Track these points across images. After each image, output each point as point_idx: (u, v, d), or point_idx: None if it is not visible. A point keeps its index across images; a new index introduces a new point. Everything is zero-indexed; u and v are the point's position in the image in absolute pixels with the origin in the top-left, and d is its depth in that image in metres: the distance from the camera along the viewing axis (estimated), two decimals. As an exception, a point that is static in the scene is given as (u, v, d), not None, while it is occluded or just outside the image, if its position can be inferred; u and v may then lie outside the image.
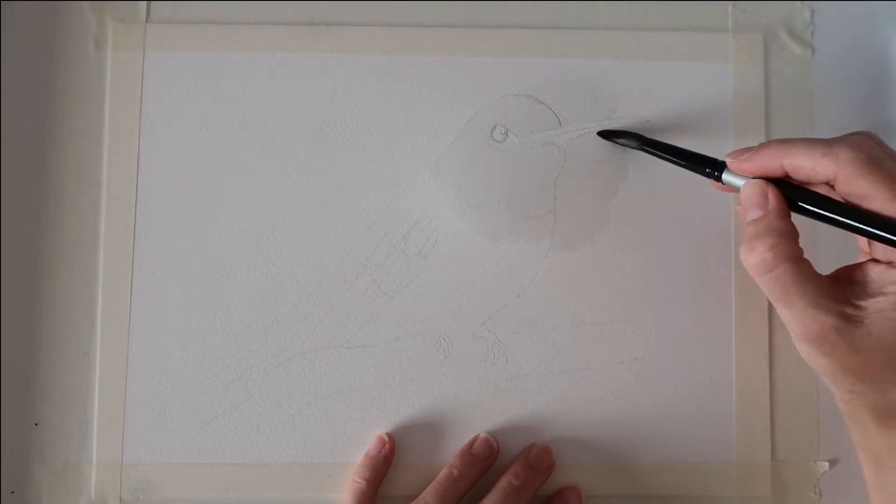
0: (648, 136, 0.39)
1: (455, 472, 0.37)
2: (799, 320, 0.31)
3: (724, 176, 0.34)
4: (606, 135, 0.40)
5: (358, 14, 0.41)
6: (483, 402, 0.39)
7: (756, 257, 0.31)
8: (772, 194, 0.32)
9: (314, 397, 0.39)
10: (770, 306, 0.39)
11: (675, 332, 0.39)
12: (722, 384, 0.39)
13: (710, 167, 0.35)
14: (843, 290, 0.31)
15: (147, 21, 0.41)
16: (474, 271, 0.39)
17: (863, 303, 0.30)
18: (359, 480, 0.37)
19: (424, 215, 0.40)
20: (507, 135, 0.40)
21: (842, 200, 0.31)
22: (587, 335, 0.39)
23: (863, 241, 0.34)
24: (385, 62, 0.41)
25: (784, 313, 0.32)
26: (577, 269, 0.40)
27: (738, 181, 0.34)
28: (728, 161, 0.34)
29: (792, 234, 0.31)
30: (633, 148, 0.39)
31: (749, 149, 0.33)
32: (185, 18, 0.41)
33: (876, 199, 0.29)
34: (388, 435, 0.38)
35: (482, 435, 0.38)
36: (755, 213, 0.32)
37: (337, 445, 0.39)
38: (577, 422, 0.39)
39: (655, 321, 0.39)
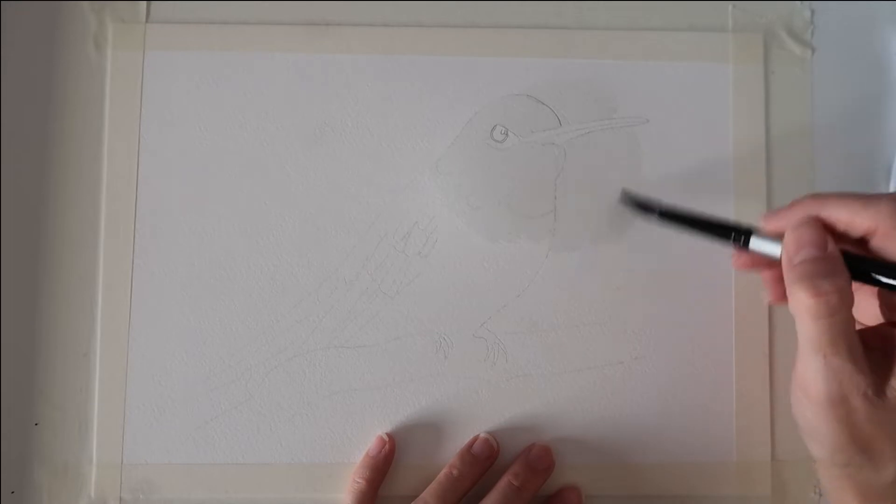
0: (666, 199, 0.36)
1: (455, 472, 0.37)
2: (833, 375, 0.29)
3: (753, 241, 0.32)
4: (628, 201, 0.37)
5: (358, 14, 0.41)
6: (483, 402, 0.39)
7: (819, 297, 0.29)
8: (830, 239, 0.30)
9: (314, 397, 0.39)
10: (770, 308, 0.39)
11: (675, 332, 0.39)
12: (722, 384, 0.39)
13: (737, 233, 0.33)
14: (870, 353, 0.29)
15: (147, 21, 0.41)
16: (474, 271, 0.39)
17: (889, 371, 0.29)
18: (359, 480, 0.37)
19: (424, 215, 0.40)
20: (507, 135, 0.40)
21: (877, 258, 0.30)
22: (587, 335, 0.39)
23: (879, 301, 0.32)
24: (385, 62, 0.41)
25: (816, 365, 0.29)
26: (577, 269, 0.40)
27: (769, 247, 0.32)
28: (762, 223, 0.32)
29: (850, 280, 0.29)
30: (653, 220, 0.36)
31: (780, 209, 0.32)
32: (185, 18, 0.41)
33: None
34: (388, 435, 0.38)
35: (482, 435, 0.38)
36: (814, 252, 0.30)
37: (337, 445, 0.39)
38: (577, 422, 0.39)
39: (655, 321, 0.39)
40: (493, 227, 0.40)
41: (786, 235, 0.31)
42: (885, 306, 0.31)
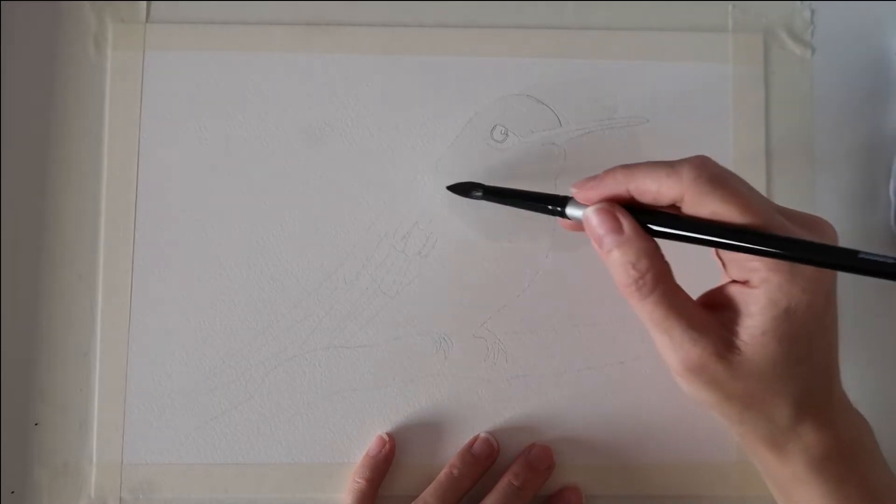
0: (494, 183, 0.38)
1: (455, 472, 0.37)
2: (679, 347, 0.29)
3: (569, 210, 0.32)
4: (454, 188, 0.39)
5: (358, 14, 0.41)
6: (483, 402, 0.39)
7: (635, 282, 0.29)
8: (621, 214, 0.30)
9: (314, 397, 0.39)
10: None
11: (675, 332, 0.39)
12: (722, 384, 0.39)
13: (553, 203, 0.33)
14: (713, 314, 0.30)
15: (147, 21, 0.41)
16: (474, 271, 0.39)
17: (735, 327, 0.29)
18: (359, 480, 0.37)
19: (424, 215, 0.40)
20: (507, 135, 0.40)
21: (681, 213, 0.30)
22: (587, 335, 0.39)
23: (720, 262, 0.32)
24: (385, 62, 0.41)
25: (662, 341, 0.30)
26: (577, 269, 0.40)
27: (582, 213, 0.32)
28: (573, 192, 0.32)
29: (659, 251, 0.30)
30: (479, 198, 0.38)
31: (593, 177, 0.32)
32: (185, 18, 0.41)
33: (724, 215, 0.28)
34: (389, 435, 0.38)
35: (482, 435, 0.38)
36: (614, 238, 0.30)
37: (337, 445, 0.39)
38: (577, 422, 0.39)
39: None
40: (493, 227, 0.40)
41: (584, 223, 0.31)
42: (723, 264, 0.31)
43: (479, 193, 0.38)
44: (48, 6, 0.41)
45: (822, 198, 0.41)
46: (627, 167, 0.31)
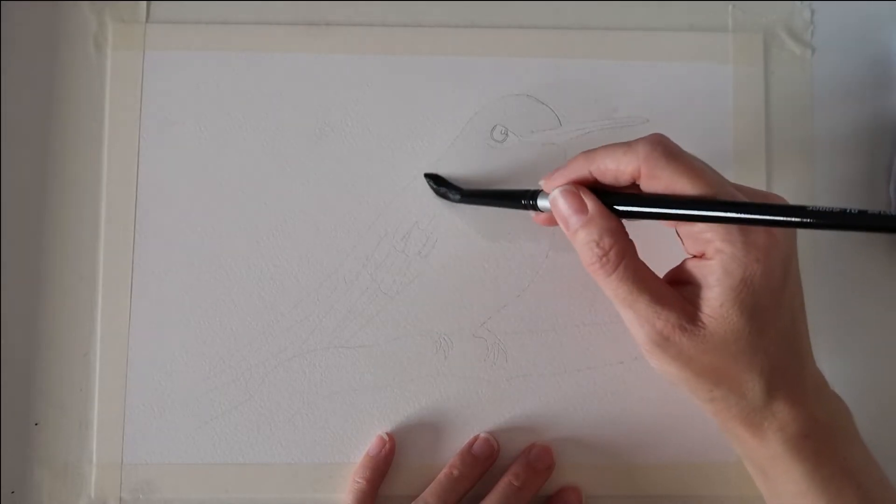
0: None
1: (455, 472, 0.37)
2: (644, 320, 0.30)
3: (540, 201, 0.33)
4: (431, 179, 0.40)
5: (358, 14, 0.41)
6: (483, 402, 0.39)
7: (599, 259, 0.31)
8: (586, 195, 0.31)
9: (314, 397, 0.39)
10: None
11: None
12: (722, 384, 0.39)
13: (525, 197, 0.34)
14: (677, 289, 0.31)
15: (147, 21, 0.41)
16: (474, 271, 0.39)
17: (697, 300, 0.30)
18: (359, 480, 0.37)
19: (424, 215, 0.40)
20: (507, 135, 0.40)
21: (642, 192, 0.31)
22: (587, 335, 0.39)
23: (680, 239, 0.33)
24: (385, 62, 0.41)
25: (628, 315, 0.31)
26: (577, 269, 0.39)
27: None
28: (542, 183, 0.34)
29: (622, 229, 0.31)
30: (456, 201, 0.39)
31: (559, 167, 0.33)
32: (185, 18, 0.41)
33: (677, 188, 0.29)
34: (389, 435, 0.38)
35: (482, 435, 0.38)
36: (579, 218, 0.31)
37: (337, 445, 0.39)
38: (577, 422, 0.39)
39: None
40: (493, 227, 0.40)
41: (551, 205, 0.32)
42: (683, 240, 0.32)
43: (457, 196, 0.38)
44: (48, 6, 0.41)
45: (821, 197, 0.41)
46: (588, 152, 0.32)
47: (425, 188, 0.40)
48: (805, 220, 0.26)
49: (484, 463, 0.38)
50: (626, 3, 0.41)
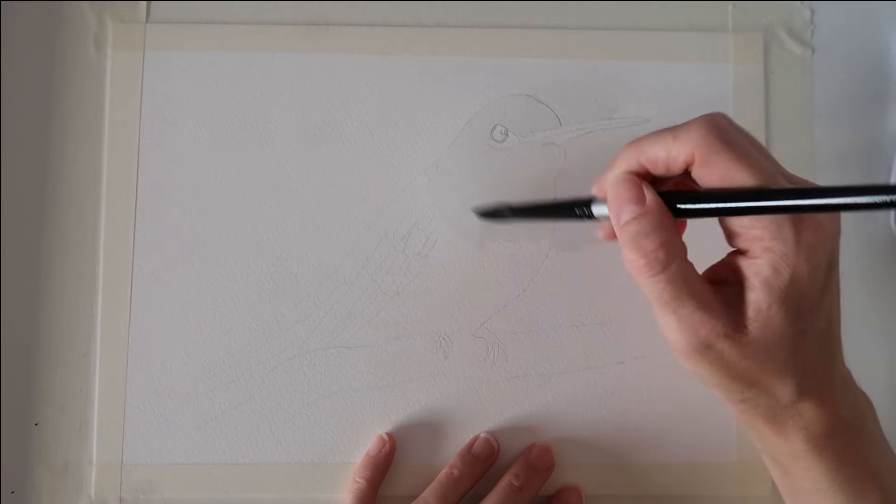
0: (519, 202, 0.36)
1: (455, 472, 0.37)
2: (687, 326, 0.28)
3: (595, 207, 0.31)
4: (484, 214, 0.37)
5: (358, 14, 0.41)
6: (483, 402, 0.39)
7: (646, 257, 0.28)
8: (647, 187, 0.29)
9: (314, 397, 0.39)
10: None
11: (675, 332, 0.39)
12: (722, 384, 0.39)
13: (579, 206, 0.31)
14: (721, 292, 0.29)
15: (147, 21, 0.41)
16: (474, 271, 0.39)
17: (741, 303, 0.28)
18: (359, 480, 0.37)
19: (424, 215, 0.40)
20: (507, 135, 0.40)
21: (702, 188, 0.29)
22: (587, 335, 0.39)
23: (723, 231, 0.30)
24: (385, 62, 0.41)
25: (669, 320, 0.29)
26: (577, 269, 0.40)
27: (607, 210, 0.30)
28: (594, 190, 0.31)
29: (677, 229, 0.29)
30: (509, 219, 0.36)
31: (605, 170, 0.31)
32: (185, 18, 0.41)
33: (736, 177, 0.27)
34: (389, 435, 0.38)
35: (482, 435, 0.38)
36: (633, 209, 0.29)
37: (337, 445, 0.39)
38: (577, 422, 0.39)
39: (656, 321, 0.39)
40: (493, 228, 0.40)
41: (608, 194, 0.30)
42: (726, 234, 0.30)
43: (509, 213, 0.36)
44: (48, 6, 0.41)
45: (822, 198, 0.41)
46: (635, 142, 0.30)
47: (425, 188, 0.40)
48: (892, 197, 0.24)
49: (484, 463, 0.38)
50: (626, 3, 0.41)
